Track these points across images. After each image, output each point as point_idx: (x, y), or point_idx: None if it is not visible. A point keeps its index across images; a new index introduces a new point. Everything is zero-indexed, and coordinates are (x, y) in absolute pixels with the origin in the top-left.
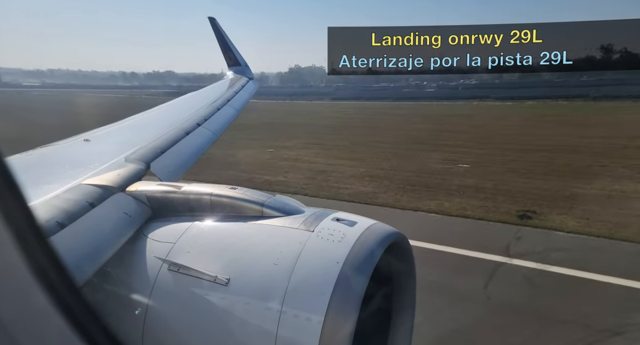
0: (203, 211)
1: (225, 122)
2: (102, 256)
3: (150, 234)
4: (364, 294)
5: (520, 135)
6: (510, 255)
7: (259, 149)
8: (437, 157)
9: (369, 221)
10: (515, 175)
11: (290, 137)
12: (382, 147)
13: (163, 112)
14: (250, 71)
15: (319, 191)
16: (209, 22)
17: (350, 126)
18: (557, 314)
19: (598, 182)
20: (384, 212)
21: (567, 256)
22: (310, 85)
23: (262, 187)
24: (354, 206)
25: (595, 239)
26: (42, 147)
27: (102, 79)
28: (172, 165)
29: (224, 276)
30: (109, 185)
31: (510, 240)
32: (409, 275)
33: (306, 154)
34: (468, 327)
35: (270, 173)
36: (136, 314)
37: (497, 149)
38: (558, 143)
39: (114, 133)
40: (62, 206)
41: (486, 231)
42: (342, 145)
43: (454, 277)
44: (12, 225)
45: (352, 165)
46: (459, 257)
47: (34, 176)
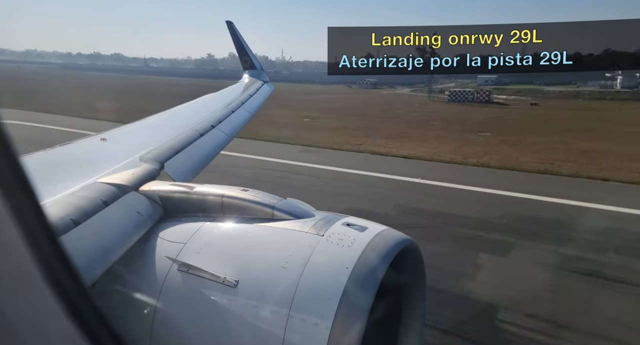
0: (214, 212)
1: (239, 124)
2: (113, 254)
3: (161, 234)
4: (373, 301)
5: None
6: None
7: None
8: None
9: (379, 227)
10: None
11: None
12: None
13: (178, 113)
14: (265, 75)
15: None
16: (227, 26)
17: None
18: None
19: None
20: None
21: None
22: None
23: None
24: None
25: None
26: (61, 145)
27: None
28: (186, 165)
29: (232, 278)
30: (123, 184)
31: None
32: (419, 282)
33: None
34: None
35: None
36: (145, 313)
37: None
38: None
39: (130, 132)
40: (77, 204)
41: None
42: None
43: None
44: (22, 224)
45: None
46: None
47: (52, 174)
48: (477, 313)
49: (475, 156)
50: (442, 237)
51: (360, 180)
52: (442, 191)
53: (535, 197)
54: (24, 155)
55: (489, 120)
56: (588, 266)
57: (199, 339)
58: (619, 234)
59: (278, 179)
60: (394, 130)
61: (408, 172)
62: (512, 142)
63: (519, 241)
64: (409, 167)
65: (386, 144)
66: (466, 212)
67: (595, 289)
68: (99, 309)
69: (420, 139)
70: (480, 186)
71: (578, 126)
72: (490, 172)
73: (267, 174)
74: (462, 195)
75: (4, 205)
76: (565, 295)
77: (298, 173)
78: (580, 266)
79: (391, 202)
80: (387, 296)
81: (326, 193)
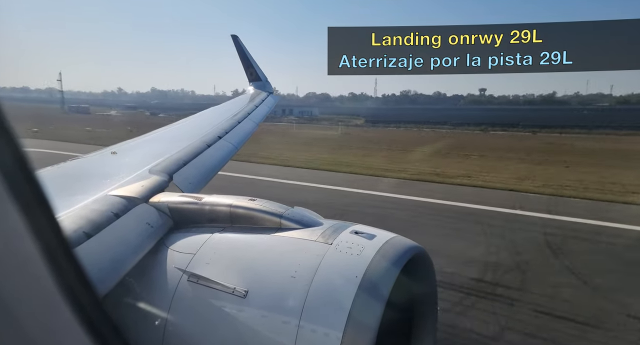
0: (223, 222)
1: (246, 135)
2: (125, 266)
3: (171, 245)
4: (383, 310)
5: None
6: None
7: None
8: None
9: (388, 234)
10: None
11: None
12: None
13: (185, 125)
14: (271, 86)
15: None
16: (232, 40)
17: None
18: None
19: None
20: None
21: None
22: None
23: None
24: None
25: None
26: (72, 159)
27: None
28: (194, 176)
29: (242, 288)
30: (133, 196)
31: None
32: (430, 289)
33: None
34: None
35: None
36: (156, 324)
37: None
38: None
39: (139, 145)
40: (89, 216)
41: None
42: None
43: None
44: (41, 239)
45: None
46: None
47: (64, 187)
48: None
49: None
50: None
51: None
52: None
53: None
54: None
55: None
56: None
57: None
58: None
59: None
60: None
61: None
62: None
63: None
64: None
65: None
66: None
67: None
68: (113, 320)
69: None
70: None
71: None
72: None
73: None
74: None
75: (23, 222)
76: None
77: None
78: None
79: None
80: (397, 305)
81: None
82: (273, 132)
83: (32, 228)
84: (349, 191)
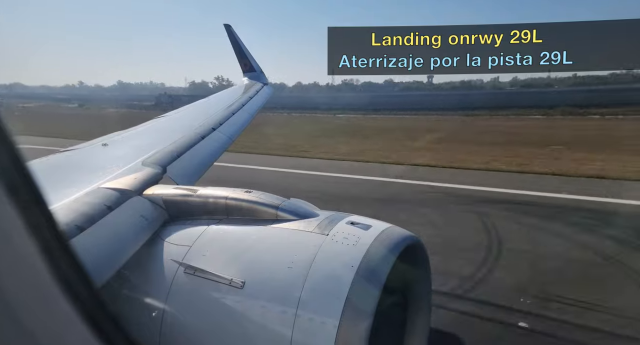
0: (218, 214)
1: (240, 126)
2: (119, 259)
3: (166, 237)
4: (379, 298)
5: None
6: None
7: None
8: None
9: (383, 225)
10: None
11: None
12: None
13: (179, 116)
14: (265, 77)
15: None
16: (225, 29)
17: None
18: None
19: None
20: None
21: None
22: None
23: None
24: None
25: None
26: (62, 151)
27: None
28: (188, 168)
29: (239, 279)
30: (126, 188)
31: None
32: (425, 279)
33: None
34: None
35: None
36: (153, 316)
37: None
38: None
39: (131, 137)
40: (81, 209)
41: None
42: None
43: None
44: (38, 236)
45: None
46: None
47: (54, 180)
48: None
49: None
50: None
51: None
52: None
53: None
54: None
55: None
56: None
57: (208, 341)
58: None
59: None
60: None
61: None
62: None
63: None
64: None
65: None
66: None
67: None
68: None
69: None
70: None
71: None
72: None
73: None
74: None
75: (21, 220)
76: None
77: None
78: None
79: None
80: (392, 294)
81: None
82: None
83: (27, 222)
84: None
